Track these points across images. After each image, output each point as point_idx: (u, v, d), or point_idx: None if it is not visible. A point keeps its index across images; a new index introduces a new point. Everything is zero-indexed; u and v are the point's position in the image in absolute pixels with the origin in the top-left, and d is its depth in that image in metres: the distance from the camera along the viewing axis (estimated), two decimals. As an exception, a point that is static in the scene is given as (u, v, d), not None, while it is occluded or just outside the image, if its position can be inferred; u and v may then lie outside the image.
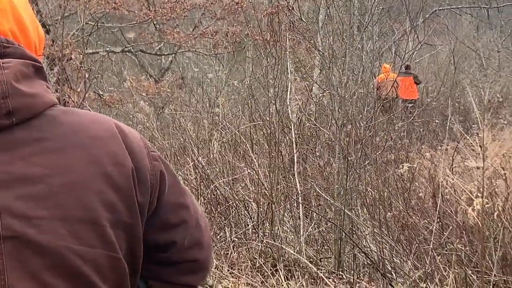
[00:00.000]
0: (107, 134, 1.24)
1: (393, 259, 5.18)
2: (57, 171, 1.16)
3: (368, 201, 5.98)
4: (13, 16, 1.23)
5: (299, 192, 5.91)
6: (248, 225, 5.80)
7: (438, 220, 5.20)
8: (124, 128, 1.29)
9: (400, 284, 4.91)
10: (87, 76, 7.78)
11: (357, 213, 5.88)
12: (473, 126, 8.06)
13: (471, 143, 4.90)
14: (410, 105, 11.84)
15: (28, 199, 1.13)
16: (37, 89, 1.19)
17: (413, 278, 4.88)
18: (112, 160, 1.22)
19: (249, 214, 5.97)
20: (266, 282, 4.99)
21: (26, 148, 1.15)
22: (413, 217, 5.52)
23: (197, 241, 1.41)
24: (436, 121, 11.10)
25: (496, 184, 5.27)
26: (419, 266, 5.04)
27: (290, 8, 7.09)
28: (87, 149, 1.20)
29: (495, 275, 4.53)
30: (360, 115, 6.43)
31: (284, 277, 5.01)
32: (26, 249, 1.11)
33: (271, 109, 6.50)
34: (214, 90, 10.38)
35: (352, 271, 5.22)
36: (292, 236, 5.71)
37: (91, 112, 1.33)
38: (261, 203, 5.87)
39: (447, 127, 6.80)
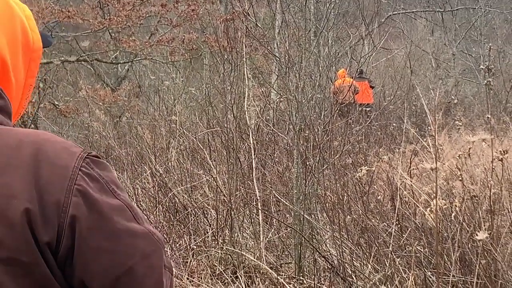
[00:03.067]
0: (14, 162, 1.14)
1: (353, 262, 5.19)
2: None
3: (327, 205, 5.99)
4: None
5: (258, 198, 5.90)
6: (207, 232, 5.77)
7: (397, 222, 5.22)
8: (49, 154, 1.17)
9: (360, 287, 4.92)
10: (41, 86, 7.67)
11: (316, 217, 5.88)
12: (428, 128, 8.14)
13: (427, 145, 4.93)
14: (368, 109, 11.94)
15: None
16: None
17: (373, 281, 4.89)
18: (5, 192, 1.11)
19: (208, 221, 5.94)
20: (227, 289, 4.96)
21: None
22: (372, 220, 5.54)
23: None
24: (394, 124, 11.19)
25: (452, 185, 5.31)
26: (379, 269, 5.06)
27: (246, 14, 7.08)
28: None
29: (453, 275, 4.56)
30: (318, 120, 6.44)
31: (244, 284, 4.99)
32: None
33: (228, 116, 6.48)
34: (172, 97, 10.33)
35: (313, 276, 5.21)
36: (252, 243, 5.69)
37: (22, 133, 1.20)
38: (220, 210, 5.84)
39: (404, 130, 6.85)
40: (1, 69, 1.23)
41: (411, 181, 5.99)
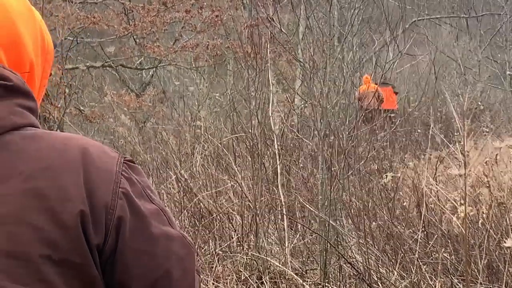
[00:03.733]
0: (64, 166, 1.15)
1: (379, 269, 5.16)
2: None
3: (352, 211, 5.96)
4: (3, 29, 1.18)
5: (283, 203, 5.88)
6: (232, 237, 5.77)
7: (423, 229, 5.19)
8: (95, 159, 1.19)
9: (386, 294, 4.89)
10: (67, 91, 7.73)
11: (341, 223, 5.86)
12: (456, 134, 8.08)
13: (453, 151, 4.90)
14: (392, 115, 11.89)
15: None
16: None
17: (399, 288, 4.86)
18: (60, 195, 1.13)
19: (233, 227, 5.94)
20: (252, 295, 4.96)
21: None
22: (398, 226, 5.51)
23: None
24: (418, 130, 11.14)
25: (479, 191, 5.27)
26: (405, 276, 5.02)
27: (270, 20, 7.08)
28: (33, 180, 1.12)
29: (481, 283, 4.52)
30: (343, 126, 6.42)
31: (270, 290, 4.98)
32: None
33: (253, 121, 6.48)
34: (196, 103, 10.37)
35: (338, 282, 5.19)
36: (277, 248, 5.68)
37: (64, 136, 1.23)
38: (245, 215, 5.84)
39: (429, 136, 6.80)
40: (30, 72, 1.25)
41: (437, 188, 5.95)
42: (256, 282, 5.13)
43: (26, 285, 1.09)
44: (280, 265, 5.20)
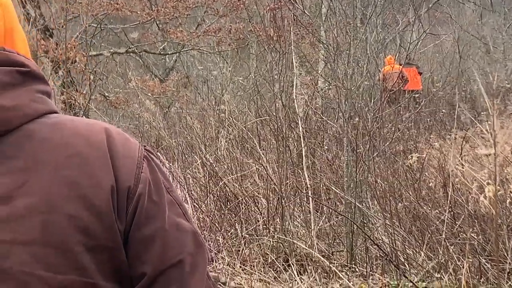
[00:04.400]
0: (91, 151, 1.15)
1: (405, 250, 5.15)
2: (25, 192, 1.09)
3: (378, 193, 5.95)
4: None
5: (309, 186, 5.89)
6: (258, 221, 5.78)
7: (449, 209, 5.16)
8: (118, 143, 1.19)
9: (413, 275, 4.89)
10: (92, 78, 7.77)
11: (367, 205, 5.85)
12: (482, 113, 8.00)
13: (481, 130, 4.86)
14: (416, 95, 11.80)
15: None
16: (18, 100, 1.12)
17: (426, 268, 4.85)
18: (91, 181, 1.13)
19: (259, 210, 5.95)
20: (279, 277, 4.97)
21: None
22: (424, 207, 5.49)
23: (175, 283, 1.19)
24: (443, 110, 11.04)
25: (507, 171, 5.24)
26: (432, 256, 5.01)
27: (293, 2, 7.05)
28: (62, 168, 1.12)
29: (509, 263, 4.50)
30: (367, 107, 6.39)
31: (296, 272, 4.99)
32: None
33: (277, 104, 6.47)
34: (219, 87, 10.36)
35: (365, 264, 5.19)
36: (303, 231, 5.69)
37: (86, 122, 1.22)
38: (271, 198, 5.85)
39: (455, 116, 6.75)
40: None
41: (463, 168, 5.92)
42: (283, 265, 5.15)
43: (62, 273, 1.10)
44: (306, 248, 5.21)
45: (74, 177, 1.12)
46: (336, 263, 5.25)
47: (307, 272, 5.07)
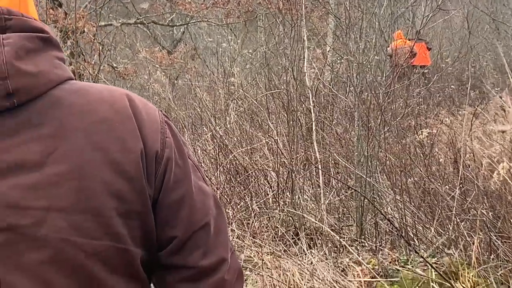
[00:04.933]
0: (118, 117, 1.15)
1: (415, 226, 5.15)
2: (56, 159, 1.09)
3: (388, 168, 5.94)
4: None
5: (319, 160, 5.87)
6: (268, 194, 5.78)
7: (460, 186, 5.15)
8: (141, 108, 1.19)
9: (423, 250, 4.89)
10: (101, 48, 7.74)
11: (377, 180, 5.84)
12: (496, 89, 7.96)
13: (495, 106, 4.83)
14: (426, 71, 11.75)
15: (23, 188, 1.06)
16: (42, 65, 1.11)
17: (436, 244, 4.85)
18: (120, 146, 1.13)
19: (268, 183, 5.95)
20: (289, 250, 4.98)
21: (26, 134, 1.08)
22: (434, 183, 5.48)
23: (203, 245, 1.22)
24: (452, 86, 11.00)
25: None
26: (442, 232, 5.01)
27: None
28: (91, 134, 1.12)
29: (520, 239, 4.50)
30: (376, 82, 6.36)
31: (306, 246, 5.00)
32: (21, 242, 1.06)
33: (286, 78, 6.43)
34: (227, 60, 10.31)
35: (374, 239, 5.19)
36: (313, 205, 5.69)
37: (106, 88, 1.22)
38: (281, 172, 5.84)
39: (468, 92, 6.70)
40: None
41: (474, 144, 5.90)
42: (293, 238, 5.15)
43: (97, 239, 1.10)
44: (316, 222, 5.21)
45: (104, 143, 1.12)
46: (346, 237, 5.25)
47: (317, 246, 5.07)
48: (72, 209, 1.08)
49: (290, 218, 5.33)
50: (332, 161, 6.32)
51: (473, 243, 4.46)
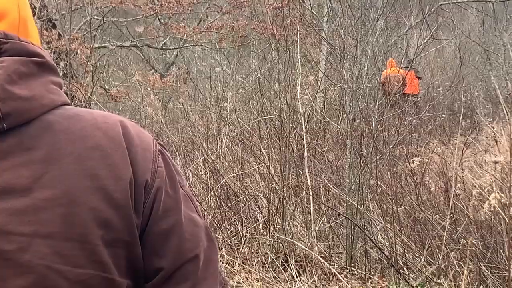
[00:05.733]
0: (110, 144, 1.14)
1: (405, 254, 5.15)
2: (45, 184, 1.07)
3: (379, 196, 5.94)
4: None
5: (310, 187, 5.87)
6: (258, 220, 5.77)
7: (450, 215, 5.16)
8: (134, 136, 1.18)
9: (412, 279, 4.88)
10: (94, 70, 7.74)
11: (368, 208, 5.84)
12: (488, 120, 7.99)
13: (486, 136, 4.85)
14: (417, 99, 11.81)
15: (10, 213, 1.05)
16: (35, 90, 1.10)
17: (426, 274, 4.85)
18: (111, 174, 1.11)
19: (259, 209, 5.94)
20: (278, 277, 4.96)
21: (15, 158, 1.07)
22: (425, 212, 5.48)
23: (192, 277, 1.19)
24: (443, 115, 11.06)
25: (510, 178, 5.22)
26: (432, 261, 5.01)
27: (302, 1, 7.05)
28: (82, 161, 1.10)
29: (510, 271, 4.49)
30: (371, 110, 6.38)
31: (296, 272, 4.98)
32: (5, 268, 1.04)
33: (279, 103, 6.45)
34: (220, 84, 10.32)
35: (364, 267, 5.18)
36: (303, 232, 5.68)
37: (101, 114, 1.20)
38: (272, 198, 5.84)
39: (460, 121, 6.73)
40: None
41: (464, 174, 5.92)
42: (282, 265, 5.14)
43: (81, 267, 1.08)
44: (306, 248, 5.20)
45: (94, 169, 1.11)
46: (336, 265, 5.24)
47: (306, 273, 5.06)
48: (58, 236, 1.07)
49: (280, 244, 5.32)
50: (323, 188, 6.32)
51: (463, 273, 4.46)
